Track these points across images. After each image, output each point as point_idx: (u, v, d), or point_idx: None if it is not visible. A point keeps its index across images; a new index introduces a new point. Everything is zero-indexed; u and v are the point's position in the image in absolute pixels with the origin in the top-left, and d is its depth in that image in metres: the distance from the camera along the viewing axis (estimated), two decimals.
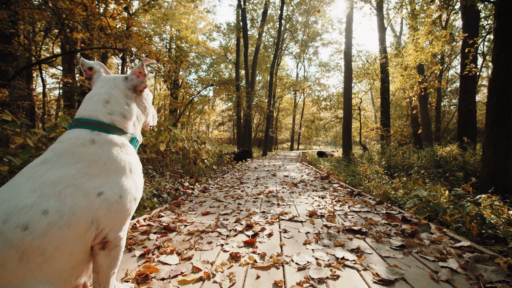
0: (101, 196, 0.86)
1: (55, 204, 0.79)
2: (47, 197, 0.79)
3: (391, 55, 14.28)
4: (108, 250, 0.91)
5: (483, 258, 1.52)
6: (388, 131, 11.66)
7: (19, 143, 2.43)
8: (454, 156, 5.92)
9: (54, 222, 0.77)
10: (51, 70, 15.82)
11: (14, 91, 4.83)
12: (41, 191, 0.80)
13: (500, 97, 3.99)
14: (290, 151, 28.52)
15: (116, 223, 0.91)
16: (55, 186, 0.81)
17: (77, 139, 0.93)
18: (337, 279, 1.34)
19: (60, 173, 0.84)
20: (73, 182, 0.84)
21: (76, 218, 0.81)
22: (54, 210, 0.78)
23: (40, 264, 0.75)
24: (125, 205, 0.92)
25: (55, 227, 0.77)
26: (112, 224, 0.90)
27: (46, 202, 0.78)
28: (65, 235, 0.79)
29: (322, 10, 18.10)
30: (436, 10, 8.34)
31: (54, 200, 0.79)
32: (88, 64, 1.12)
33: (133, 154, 1.03)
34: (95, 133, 0.96)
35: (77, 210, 0.81)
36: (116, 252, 0.93)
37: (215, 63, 27.98)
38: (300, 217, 2.51)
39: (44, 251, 0.75)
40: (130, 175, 0.97)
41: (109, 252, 0.91)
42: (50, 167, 0.86)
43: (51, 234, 0.76)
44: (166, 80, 8.44)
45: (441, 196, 2.97)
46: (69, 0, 4.66)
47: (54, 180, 0.82)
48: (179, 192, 3.87)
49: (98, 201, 0.85)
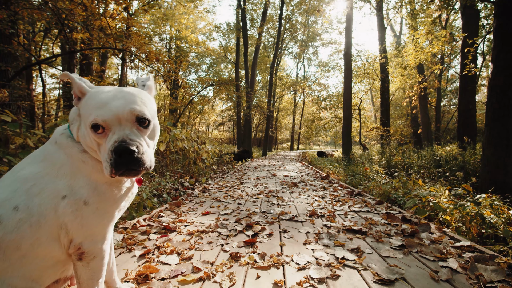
0: (65, 199, 0.81)
1: (25, 201, 0.77)
2: (19, 193, 0.78)
3: (391, 55, 14.29)
4: (85, 261, 0.85)
5: (483, 258, 1.52)
6: (388, 131, 11.66)
7: (19, 144, 2.43)
8: (454, 156, 5.91)
9: (24, 219, 0.76)
10: (51, 70, 15.80)
11: (14, 91, 4.84)
12: (15, 186, 0.79)
13: (500, 97, 3.99)
14: (290, 151, 28.51)
15: (88, 232, 0.84)
16: (26, 183, 0.80)
17: (53, 134, 0.90)
18: (337, 279, 1.34)
19: (32, 170, 0.82)
20: (39, 181, 0.81)
21: (45, 219, 0.78)
22: (24, 207, 0.77)
23: (19, 259, 0.75)
24: (92, 213, 0.83)
25: (26, 224, 0.76)
26: (83, 232, 0.83)
27: (18, 198, 0.77)
28: (37, 234, 0.77)
29: (322, 10, 18.09)
30: (436, 10, 8.34)
31: (24, 197, 0.78)
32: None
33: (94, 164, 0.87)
34: (66, 131, 0.89)
35: (45, 211, 0.78)
36: (96, 263, 0.87)
37: (215, 63, 27.96)
38: (300, 217, 2.51)
39: (20, 246, 0.75)
40: (97, 184, 0.86)
41: (87, 264, 0.86)
42: (30, 162, 0.85)
43: (23, 230, 0.75)
44: (166, 80, 8.43)
45: (441, 195, 2.97)
46: (69, 0, 4.66)
47: (26, 177, 0.81)
48: (179, 192, 3.87)
49: (63, 205, 0.80)
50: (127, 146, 0.74)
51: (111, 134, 0.77)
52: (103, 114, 0.76)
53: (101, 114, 0.76)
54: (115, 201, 0.89)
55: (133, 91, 0.86)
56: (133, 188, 0.97)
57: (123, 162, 0.74)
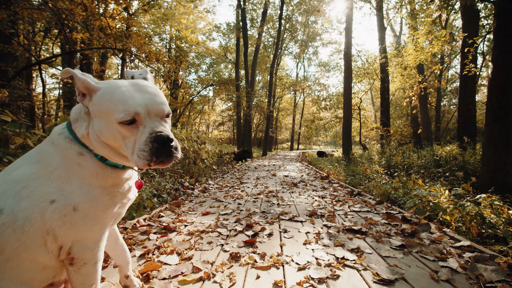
0: (53, 204, 0.78)
1: (11, 204, 0.75)
2: (6, 196, 0.76)
3: (391, 55, 14.30)
4: (76, 267, 0.84)
5: (483, 258, 1.52)
6: (388, 130, 11.66)
7: (19, 144, 2.43)
8: (454, 156, 5.92)
9: (8, 224, 0.74)
10: (51, 70, 15.81)
11: (14, 92, 4.83)
12: (4, 188, 0.77)
13: (500, 97, 3.99)
14: (290, 151, 28.52)
15: (77, 238, 0.82)
16: (16, 184, 0.78)
17: (51, 134, 0.88)
18: (337, 279, 1.34)
19: (23, 171, 0.80)
20: (31, 183, 0.78)
21: (30, 224, 0.76)
22: (9, 210, 0.75)
23: (3, 262, 0.74)
24: (81, 220, 0.81)
25: (9, 229, 0.74)
26: (72, 238, 0.82)
27: (4, 201, 0.75)
28: (22, 239, 0.75)
29: (321, 10, 18.08)
30: (436, 10, 8.35)
31: (11, 200, 0.76)
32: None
33: (90, 168, 0.85)
34: (64, 131, 0.87)
35: (30, 216, 0.76)
36: (87, 269, 0.86)
37: (215, 63, 27.97)
38: (300, 217, 2.51)
39: (2, 251, 0.74)
40: (90, 188, 0.83)
41: (78, 269, 0.84)
42: (23, 162, 0.83)
43: (6, 235, 0.73)
44: (165, 80, 8.44)
45: (441, 195, 2.97)
46: (69, 0, 4.66)
47: (17, 179, 0.79)
48: (179, 192, 3.87)
49: (51, 210, 0.78)
50: (167, 136, 0.79)
51: (142, 127, 0.79)
52: (134, 107, 0.77)
53: (132, 107, 0.77)
54: (107, 207, 0.87)
55: (147, 84, 0.87)
56: (129, 194, 0.95)
57: (163, 150, 0.78)
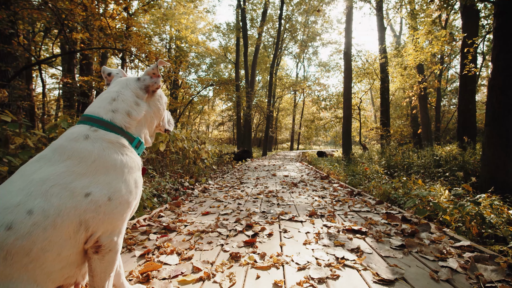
0: (88, 197, 0.82)
1: (41, 203, 0.76)
2: (33, 196, 0.77)
3: (391, 55, 14.28)
4: (101, 254, 0.88)
5: (483, 258, 1.52)
6: (388, 130, 11.66)
7: (19, 144, 2.43)
8: (454, 156, 5.91)
9: (39, 223, 0.75)
10: (50, 71, 15.82)
11: (14, 92, 4.83)
12: (29, 190, 0.78)
13: (500, 97, 3.99)
14: (290, 151, 28.51)
15: (108, 227, 0.87)
16: (43, 184, 0.79)
17: (73, 134, 0.91)
18: (337, 279, 1.34)
19: (50, 171, 0.82)
20: (61, 181, 0.81)
21: (62, 219, 0.78)
22: (40, 210, 0.76)
23: (26, 265, 0.74)
24: (115, 208, 0.87)
25: (40, 228, 0.75)
26: (103, 227, 0.86)
27: (32, 201, 0.76)
28: (50, 236, 0.76)
29: (321, 10, 18.10)
30: (436, 10, 8.34)
31: (40, 200, 0.77)
32: (108, 70, 1.17)
33: (129, 155, 0.97)
34: (92, 129, 0.93)
35: (63, 211, 0.78)
36: (111, 256, 0.91)
37: (215, 63, 27.97)
38: (300, 217, 2.51)
39: (29, 252, 0.74)
40: (123, 177, 0.91)
41: (102, 257, 0.89)
42: (43, 164, 0.84)
43: (35, 234, 0.74)
44: (165, 80, 8.44)
45: (441, 195, 2.97)
46: (68, 0, 4.66)
47: (42, 178, 0.80)
48: (179, 192, 3.87)
49: (85, 202, 0.82)
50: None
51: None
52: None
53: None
54: (136, 194, 0.96)
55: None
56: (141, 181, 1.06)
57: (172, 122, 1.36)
